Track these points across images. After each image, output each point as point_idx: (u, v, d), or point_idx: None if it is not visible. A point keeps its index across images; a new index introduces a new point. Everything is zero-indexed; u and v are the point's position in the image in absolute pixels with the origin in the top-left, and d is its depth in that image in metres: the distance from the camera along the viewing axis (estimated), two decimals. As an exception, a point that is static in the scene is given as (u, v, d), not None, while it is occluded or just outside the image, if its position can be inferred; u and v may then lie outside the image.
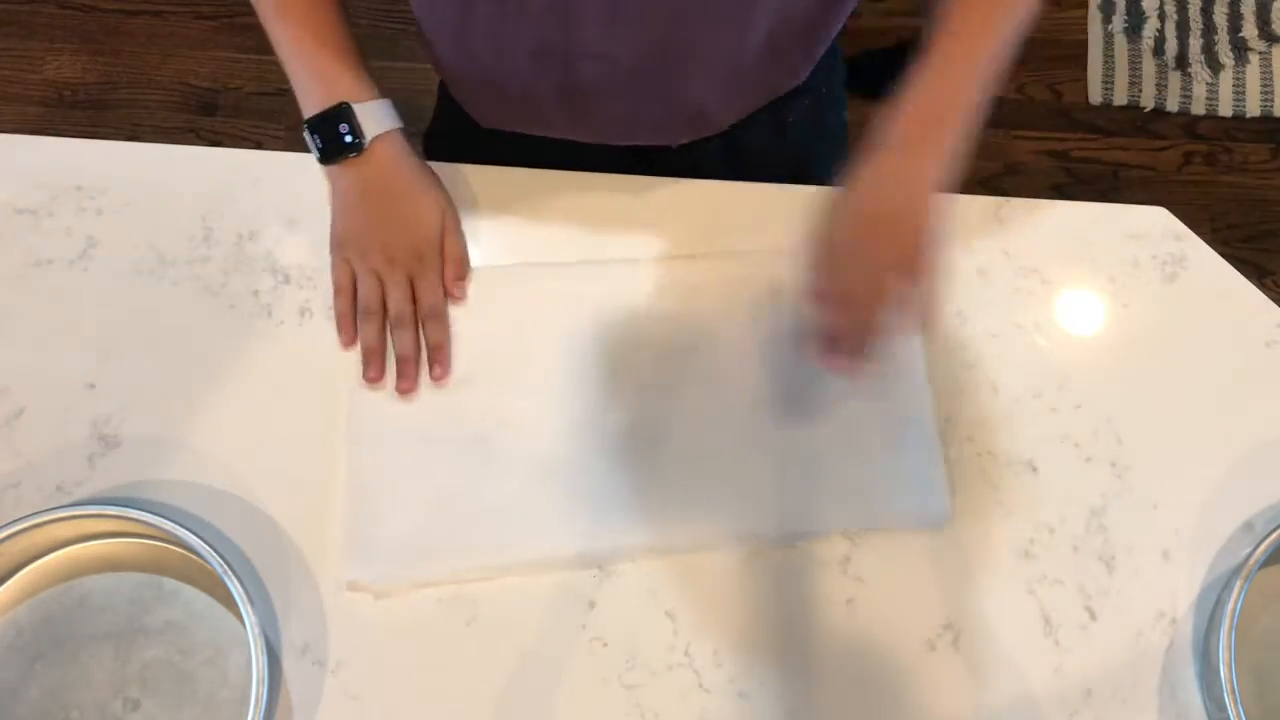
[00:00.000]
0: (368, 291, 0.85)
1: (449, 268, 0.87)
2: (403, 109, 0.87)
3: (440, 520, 0.80)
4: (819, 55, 0.96)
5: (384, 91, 0.86)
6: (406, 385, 0.84)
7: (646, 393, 0.84)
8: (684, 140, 0.96)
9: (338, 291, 0.86)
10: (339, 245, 0.87)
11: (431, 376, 0.84)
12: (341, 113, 0.83)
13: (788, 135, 1.01)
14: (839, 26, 0.93)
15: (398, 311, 0.85)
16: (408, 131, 0.87)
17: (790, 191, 0.90)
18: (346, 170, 0.85)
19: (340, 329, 0.86)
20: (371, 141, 0.84)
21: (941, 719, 0.78)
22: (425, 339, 0.86)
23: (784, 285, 0.85)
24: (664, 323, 0.86)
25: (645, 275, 0.88)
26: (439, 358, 0.85)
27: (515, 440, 0.83)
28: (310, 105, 0.84)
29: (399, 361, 0.85)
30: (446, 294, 0.87)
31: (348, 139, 0.83)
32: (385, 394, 0.84)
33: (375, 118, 0.84)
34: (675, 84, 0.88)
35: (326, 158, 0.84)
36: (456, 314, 0.87)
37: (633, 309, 0.87)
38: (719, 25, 0.82)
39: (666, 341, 0.86)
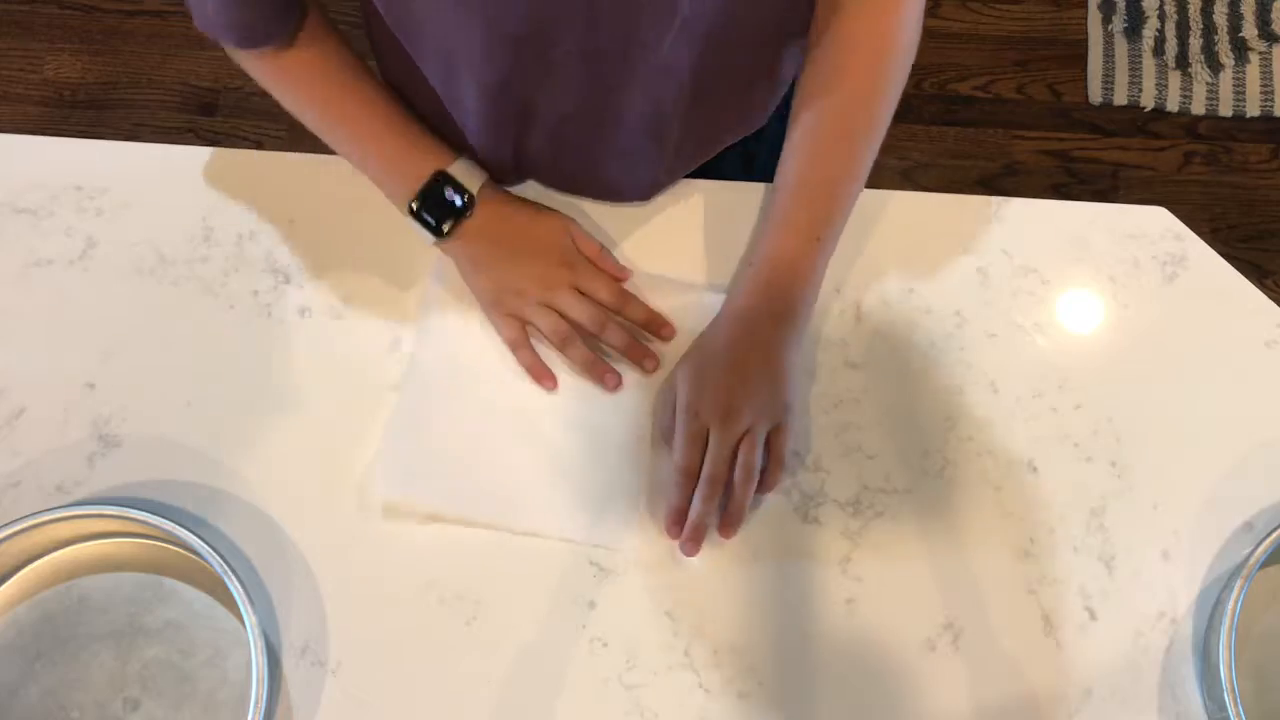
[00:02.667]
0: (551, 324, 0.84)
1: (603, 264, 0.87)
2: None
3: (468, 468, 0.83)
4: (776, 102, 0.93)
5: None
6: (651, 365, 0.85)
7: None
8: (657, 194, 0.92)
9: (517, 347, 0.85)
10: (495, 304, 0.85)
11: (662, 338, 0.86)
12: (442, 181, 0.83)
13: (755, 170, 0.98)
14: (793, 73, 0.90)
15: (590, 318, 0.84)
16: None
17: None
18: (464, 233, 0.84)
19: (539, 378, 0.85)
20: (478, 194, 0.84)
21: (941, 719, 0.78)
22: (631, 320, 0.86)
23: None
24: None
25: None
26: (656, 327, 0.86)
27: (549, 421, 0.85)
28: (404, 190, 0.84)
29: (626, 353, 0.85)
30: (618, 279, 0.87)
31: (458, 202, 0.83)
32: (447, 349, 0.86)
33: (467, 173, 0.84)
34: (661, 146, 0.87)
35: (444, 228, 0.83)
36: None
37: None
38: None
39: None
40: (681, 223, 0.91)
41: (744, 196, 0.91)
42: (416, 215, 0.84)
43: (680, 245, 0.90)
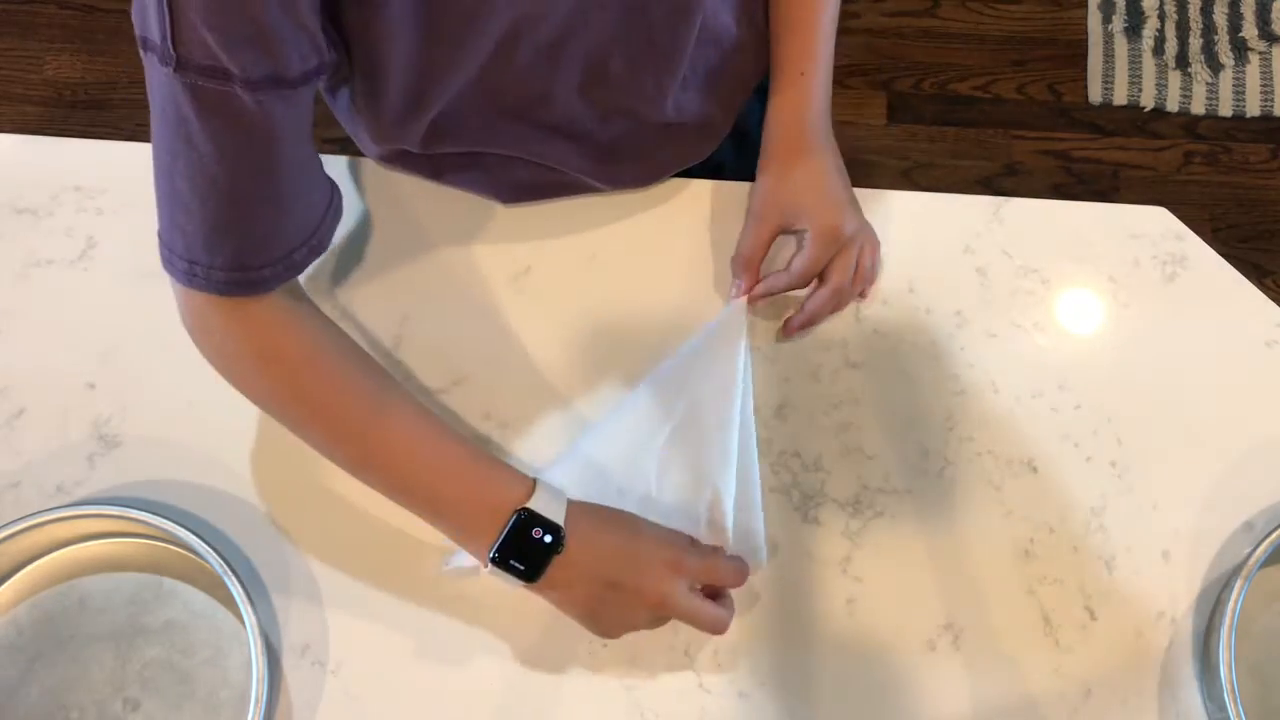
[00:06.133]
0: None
1: (720, 568, 0.77)
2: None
3: None
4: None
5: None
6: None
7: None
8: (702, 159, 0.95)
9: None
10: (608, 634, 0.77)
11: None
12: (525, 521, 0.72)
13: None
14: None
15: (715, 623, 0.76)
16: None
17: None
18: (555, 573, 0.73)
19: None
20: (566, 524, 0.73)
21: (941, 719, 0.78)
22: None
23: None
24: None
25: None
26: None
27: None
28: (480, 537, 0.72)
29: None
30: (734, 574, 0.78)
31: (547, 539, 0.72)
32: None
33: (549, 501, 0.73)
34: (679, 106, 0.88)
35: (535, 572, 0.72)
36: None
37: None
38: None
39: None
40: (681, 222, 0.91)
41: (737, 195, 0.91)
42: (503, 563, 0.72)
43: (678, 245, 0.90)
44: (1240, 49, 1.88)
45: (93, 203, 0.91)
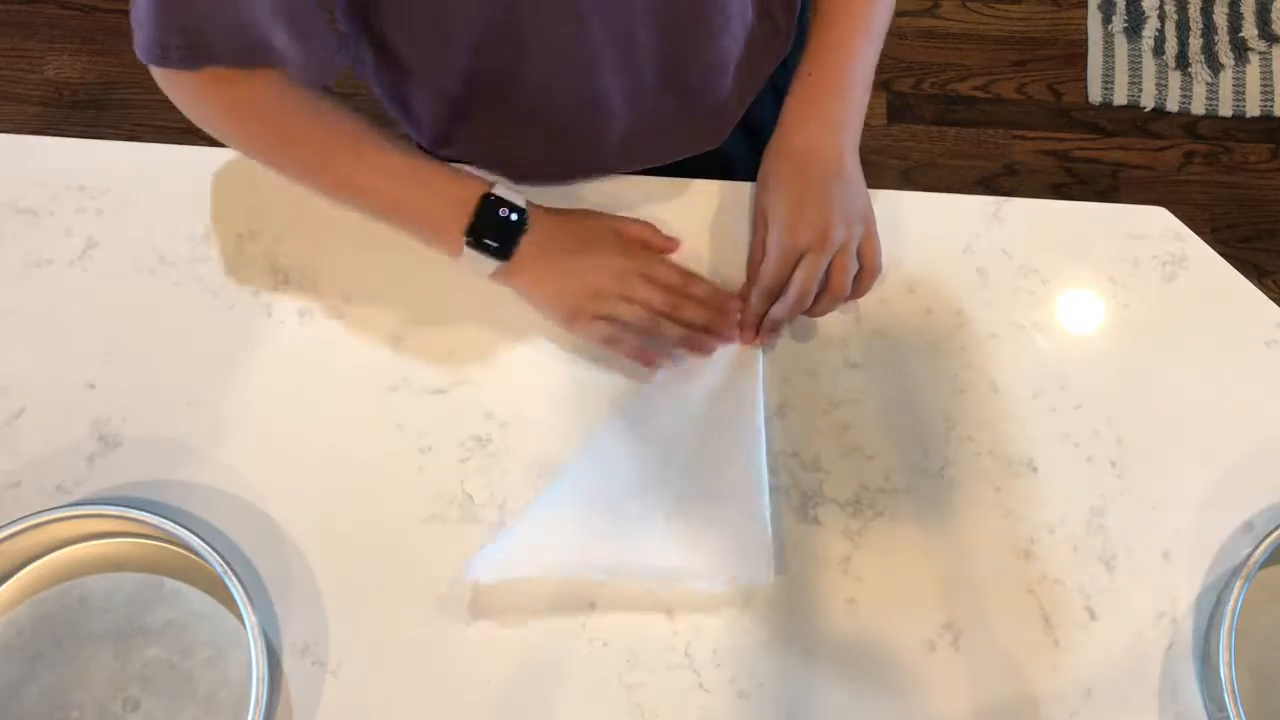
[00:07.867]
0: (636, 313, 0.82)
1: (655, 241, 0.87)
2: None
3: (554, 525, 0.81)
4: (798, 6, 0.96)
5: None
6: (739, 336, 0.84)
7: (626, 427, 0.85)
8: (717, 144, 0.95)
9: (617, 340, 0.83)
10: (576, 313, 0.83)
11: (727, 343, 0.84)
12: (491, 202, 0.80)
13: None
14: None
15: (665, 301, 0.83)
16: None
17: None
18: (523, 252, 0.81)
19: (649, 360, 0.84)
20: (530, 209, 0.82)
21: (941, 719, 0.78)
22: (697, 298, 0.84)
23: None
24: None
25: None
26: (723, 301, 0.84)
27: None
28: (454, 224, 0.80)
29: (708, 327, 0.84)
30: (671, 251, 0.87)
31: (514, 217, 0.80)
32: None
33: (509, 190, 0.82)
34: (701, 85, 0.89)
35: (507, 248, 0.81)
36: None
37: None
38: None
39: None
40: (686, 222, 0.90)
41: (744, 195, 0.91)
42: (477, 243, 0.80)
43: (684, 245, 0.90)
44: (1240, 49, 1.88)
45: (93, 203, 0.91)
